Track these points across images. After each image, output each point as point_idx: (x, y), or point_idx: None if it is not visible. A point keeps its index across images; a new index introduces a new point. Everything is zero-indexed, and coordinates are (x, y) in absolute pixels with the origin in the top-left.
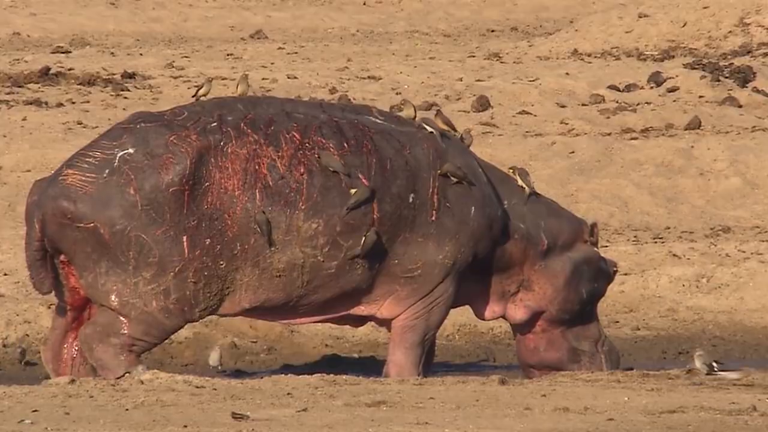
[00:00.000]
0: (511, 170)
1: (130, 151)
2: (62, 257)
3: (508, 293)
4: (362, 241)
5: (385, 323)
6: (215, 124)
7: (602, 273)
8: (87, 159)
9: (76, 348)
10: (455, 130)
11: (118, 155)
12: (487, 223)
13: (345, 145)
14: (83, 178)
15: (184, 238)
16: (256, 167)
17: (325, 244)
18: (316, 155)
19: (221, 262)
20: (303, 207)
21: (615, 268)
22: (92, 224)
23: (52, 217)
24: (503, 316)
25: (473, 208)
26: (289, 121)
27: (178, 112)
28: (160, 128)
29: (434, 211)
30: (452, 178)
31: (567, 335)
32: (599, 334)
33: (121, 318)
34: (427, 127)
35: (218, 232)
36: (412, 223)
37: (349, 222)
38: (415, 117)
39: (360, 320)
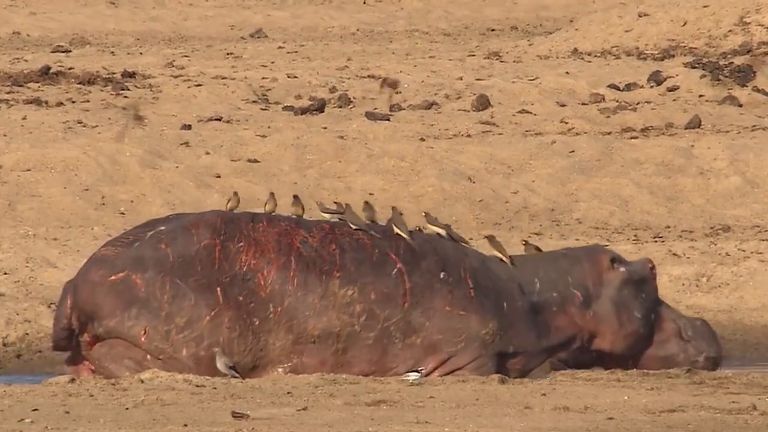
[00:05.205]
0: (495, 249)
1: (162, 228)
2: (86, 337)
3: (580, 351)
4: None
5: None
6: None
7: (642, 283)
8: (120, 239)
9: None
10: (466, 242)
11: (150, 233)
12: (522, 312)
13: (373, 233)
14: (116, 250)
15: (218, 289)
16: (289, 241)
17: (361, 312)
18: (347, 230)
19: (255, 319)
20: (338, 275)
21: (650, 265)
22: (124, 273)
23: (83, 283)
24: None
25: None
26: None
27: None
28: (194, 214)
29: (471, 289)
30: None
31: (653, 352)
32: (676, 326)
33: (148, 357)
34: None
35: (250, 291)
36: (449, 295)
37: (382, 290)
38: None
39: None
